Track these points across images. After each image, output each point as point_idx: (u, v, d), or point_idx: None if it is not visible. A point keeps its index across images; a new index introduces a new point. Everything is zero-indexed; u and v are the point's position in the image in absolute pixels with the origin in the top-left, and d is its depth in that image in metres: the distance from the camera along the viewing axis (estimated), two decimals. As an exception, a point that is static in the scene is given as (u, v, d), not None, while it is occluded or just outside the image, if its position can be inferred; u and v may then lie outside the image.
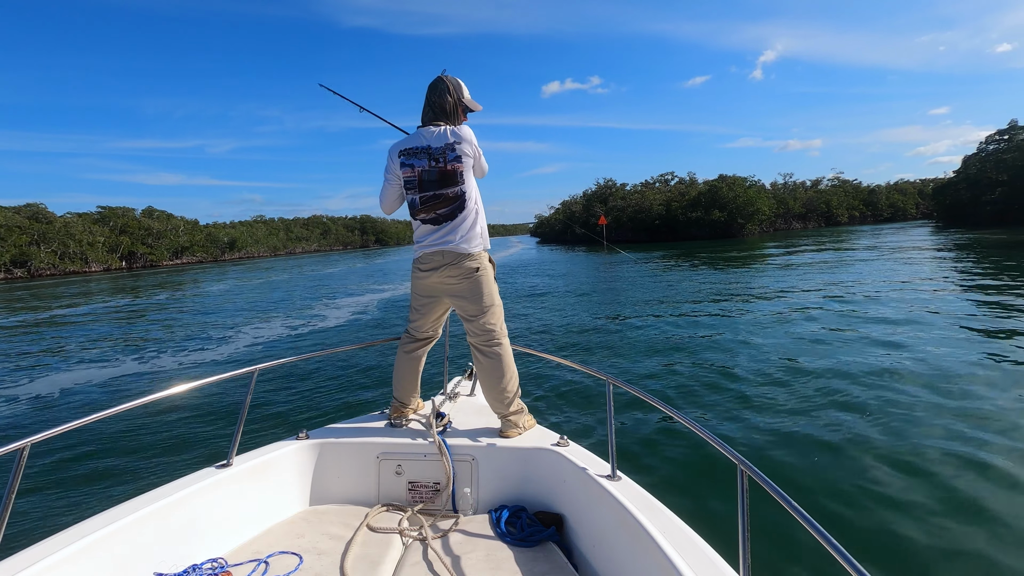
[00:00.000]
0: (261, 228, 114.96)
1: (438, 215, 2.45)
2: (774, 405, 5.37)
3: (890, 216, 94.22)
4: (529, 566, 1.85)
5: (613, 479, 1.99)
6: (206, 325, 14.05)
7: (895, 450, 4.23)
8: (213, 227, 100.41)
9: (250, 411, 2.71)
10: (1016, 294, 11.14)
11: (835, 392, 5.64)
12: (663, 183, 77.91)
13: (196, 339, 11.81)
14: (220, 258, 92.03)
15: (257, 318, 14.67)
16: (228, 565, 1.84)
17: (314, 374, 7.47)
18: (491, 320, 2.50)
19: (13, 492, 1.48)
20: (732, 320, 10.30)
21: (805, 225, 79.32)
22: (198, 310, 17.95)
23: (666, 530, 1.62)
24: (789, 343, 8.00)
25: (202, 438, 5.28)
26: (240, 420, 2.24)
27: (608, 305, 13.40)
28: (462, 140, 2.42)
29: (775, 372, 6.52)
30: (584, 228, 60.26)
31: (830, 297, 12.23)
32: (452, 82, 2.51)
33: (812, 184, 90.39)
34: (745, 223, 61.08)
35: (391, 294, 19.71)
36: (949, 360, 6.59)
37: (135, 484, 4.24)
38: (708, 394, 5.88)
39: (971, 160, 61.26)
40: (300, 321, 13.60)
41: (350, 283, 25.74)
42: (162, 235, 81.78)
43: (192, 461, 4.63)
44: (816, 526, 1.16)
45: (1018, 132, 56.40)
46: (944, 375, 6.02)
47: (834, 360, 6.87)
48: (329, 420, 3.93)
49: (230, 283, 30.94)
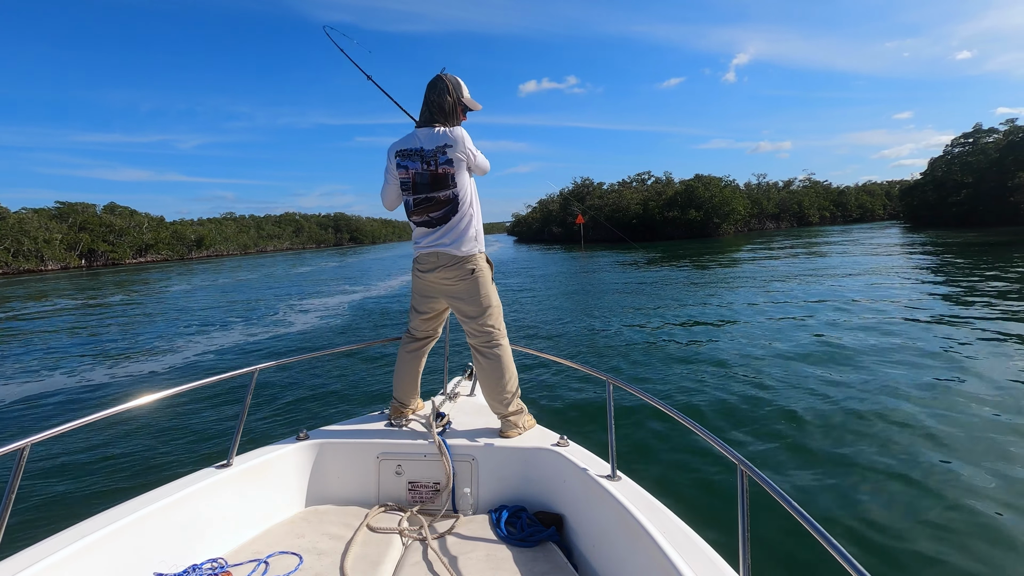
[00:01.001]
0: (231, 225, 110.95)
1: (431, 218, 2.44)
2: (774, 405, 5.35)
3: (859, 217, 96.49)
4: (529, 566, 1.85)
5: (613, 479, 1.99)
6: (141, 338, 11.98)
7: (895, 450, 4.22)
8: (180, 224, 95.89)
9: (250, 411, 2.69)
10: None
11: (835, 392, 5.61)
12: (640, 182, 78.07)
13: (134, 354, 10.18)
14: (187, 256, 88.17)
15: (209, 326, 13.17)
16: (228, 565, 1.84)
17: (314, 374, 7.42)
18: (490, 321, 2.49)
19: (13, 492, 1.47)
20: (730, 320, 10.22)
21: (778, 225, 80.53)
22: (143, 315, 16.25)
23: (666, 530, 1.61)
24: (788, 342, 7.95)
25: (202, 438, 5.25)
26: (240, 420, 2.24)
27: (592, 304, 13.22)
28: (454, 142, 2.37)
29: (774, 373, 6.50)
30: (561, 228, 60.02)
31: (822, 300, 12.21)
32: (452, 81, 2.47)
33: (784, 185, 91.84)
34: (721, 223, 61.50)
35: (363, 296, 18.63)
36: (947, 359, 6.59)
37: (135, 484, 4.21)
38: (707, 394, 5.85)
39: (937, 163, 62.85)
40: (260, 329, 12.29)
41: (321, 284, 24.53)
42: (125, 232, 77.88)
43: (192, 461, 4.62)
44: (816, 526, 1.14)
45: (982, 136, 57.99)
46: (942, 375, 6.00)
47: (833, 360, 6.85)
48: (329, 420, 3.88)
49: (191, 284, 29.07)
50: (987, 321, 8.79)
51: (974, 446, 4.25)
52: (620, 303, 13.36)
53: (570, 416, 5.35)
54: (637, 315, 11.48)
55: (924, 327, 8.61)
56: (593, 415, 5.35)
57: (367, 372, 7.49)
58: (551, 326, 10.83)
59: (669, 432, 4.70)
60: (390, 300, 17.11)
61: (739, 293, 13.92)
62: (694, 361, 7.31)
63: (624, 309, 12.38)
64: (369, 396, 6.43)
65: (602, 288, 16.94)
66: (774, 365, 6.82)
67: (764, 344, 8.02)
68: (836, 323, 9.33)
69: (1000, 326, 8.39)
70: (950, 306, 10.36)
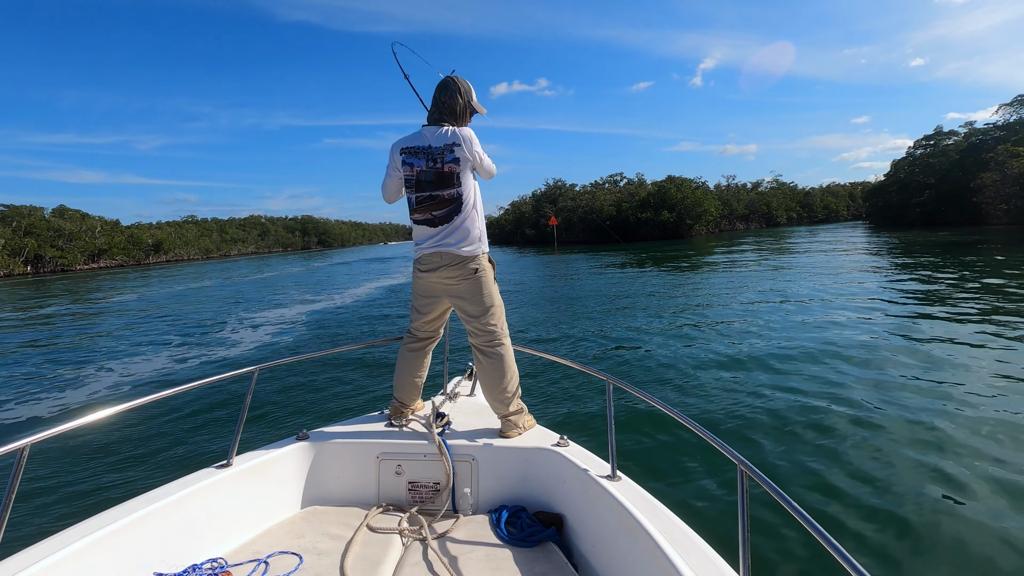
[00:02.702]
0: (192, 229, 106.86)
1: (433, 216, 2.43)
2: (774, 405, 5.32)
3: (824, 217, 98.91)
4: (529, 566, 1.85)
5: (613, 479, 1.98)
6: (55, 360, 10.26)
7: (896, 449, 4.20)
8: (136, 228, 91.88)
9: (250, 411, 2.65)
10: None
11: (834, 390, 5.59)
12: (613, 184, 78.00)
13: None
14: (144, 261, 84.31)
15: (137, 344, 11.30)
16: (228, 565, 1.85)
17: (314, 374, 7.35)
18: (492, 321, 2.49)
19: (13, 492, 1.47)
20: (728, 319, 10.17)
21: (748, 226, 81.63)
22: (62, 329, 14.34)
23: (666, 530, 1.62)
24: (788, 342, 7.91)
25: (202, 438, 5.23)
26: (240, 420, 2.23)
27: (576, 308, 13.07)
28: (461, 142, 2.39)
29: (773, 373, 6.47)
30: (534, 229, 59.13)
31: (812, 299, 12.17)
32: (463, 84, 2.50)
33: (753, 186, 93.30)
34: (693, 224, 61.71)
35: (325, 305, 17.30)
36: (948, 358, 6.56)
37: (135, 484, 4.21)
38: (707, 394, 5.83)
39: (900, 164, 64.54)
40: (197, 351, 10.32)
41: (282, 293, 22.76)
42: (75, 237, 73.84)
43: (192, 461, 4.60)
44: (816, 526, 1.14)
45: (943, 138, 59.63)
46: (942, 374, 5.99)
47: (831, 358, 6.82)
48: (329, 420, 3.78)
49: (138, 291, 26.66)
50: (989, 324, 8.71)
51: (975, 446, 4.23)
52: (605, 305, 13.19)
53: (570, 416, 5.32)
54: (626, 317, 11.34)
55: (916, 326, 8.56)
56: (593, 415, 5.31)
57: (367, 372, 7.41)
58: (539, 329, 10.73)
59: (669, 432, 4.67)
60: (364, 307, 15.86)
61: (728, 293, 13.80)
62: (693, 361, 7.25)
63: (611, 311, 12.19)
64: (369, 396, 6.39)
65: (584, 291, 16.54)
66: (774, 365, 6.78)
67: (764, 344, 7.95)
68: (829, 321, 9.27)
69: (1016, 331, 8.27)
70: (945, 307, 10.28)
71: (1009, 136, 47.94)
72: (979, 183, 45.07)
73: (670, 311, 11.60)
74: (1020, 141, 45.64)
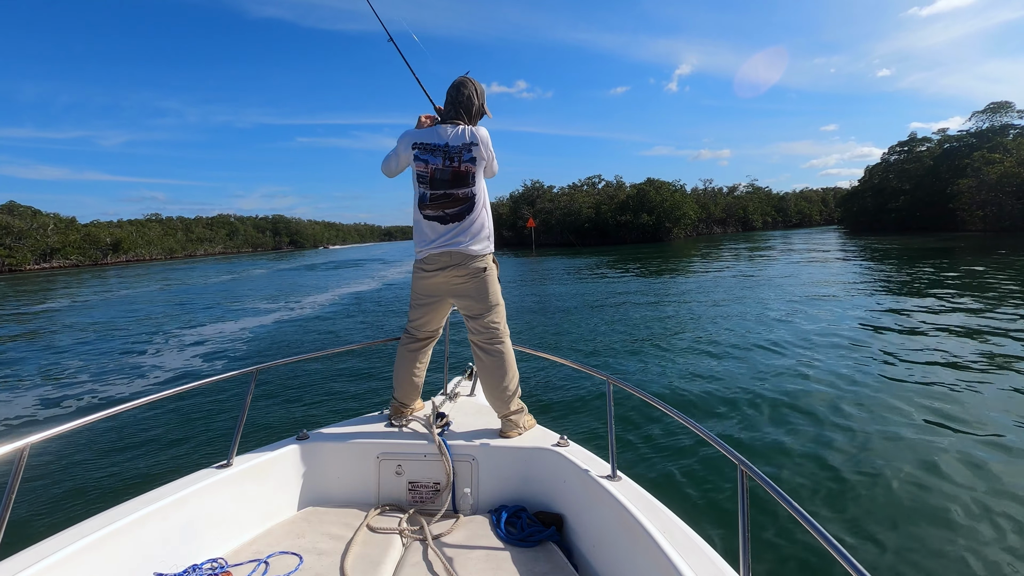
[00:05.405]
0: (155, 228, 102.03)
1: (446, 214, 2.43)
2: (773, 404, 5.30)
3: (798, 222, 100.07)
4: (529, 566, 1.84)
5: (613, 479, 1.97)
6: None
7: (896, 448, 4.18)
8: (94, 226, 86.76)
9: (250, 411, 2.65)
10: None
11: (834, 391, 5.58)
12: (591, 186, 77.15)
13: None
14: (101, 261, 79.44)
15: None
16: (228, 565, 1.84)
17: (314, 374, 7.35)
18: (495, 319, 2.50)
19: (13, 492, 1.46)
20: (726, 320, 10.15)
21: (725, 230, 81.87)
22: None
23: (666, 530, 1.60)
24: (785, 341, 7.92)
25: (202, 438, 5.20)
26: (240, 420, 2.22)
27: (566, 312, 13.04)
28: (479, 142, 2.43)
29: (772, 372, 6.46)
30: (512, 232, 57.76)
31: (807, 299, 12.15)
32: (479, 86, 2.56)
33: (730, 190, 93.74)
34: (672, 227, 61.16)
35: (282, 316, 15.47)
36: (946, 359, 6.61)
37: (135, 484, 4.15)
38: (706, 394, 5.79)
39: (875, 170, 65.13)
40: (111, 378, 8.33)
41: (239, 298, 20.83)
42: (25, 235, 69.70)
43: (192, 461, 4.57)
44: (816, 526, 1.14)
45: (917, 144, 60.28)
46: (940, 375, 6.03)
47: (829, 357, 6.83)
48: (329, 420, 3.67)
49: (74, 298, 23.92)
50: (992, 328, 8.82)
51: (977, 446, 4.22)
52: (597, 311, 13.10)
53: (570, 416, 5.31)
54: (620, 320, 11.32)
55: (914, 326, 8.56)
56: (593, 415, 5.31)
57: (367, 372, 7.40)
58: (529, 333, 10.72)
59: (669, 432, 4.65)
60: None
61: (721, 294, 13.73)
62: (692, 361, 7.24)
63: (606, 314, 12.11)
64: (369, 396, 6.36)
65: (569, 294, 16.24)
66: (773, 364, 6.78)
67: (762, 343, 7.97)
68: (829, 321, 9.27)
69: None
70: (939, 306, 10.33)
71: (982, 143, 48.52)
72: (956, 189, 45.34)
73: (666, 314, 11.49)
74: (994, 148, 46.14)
